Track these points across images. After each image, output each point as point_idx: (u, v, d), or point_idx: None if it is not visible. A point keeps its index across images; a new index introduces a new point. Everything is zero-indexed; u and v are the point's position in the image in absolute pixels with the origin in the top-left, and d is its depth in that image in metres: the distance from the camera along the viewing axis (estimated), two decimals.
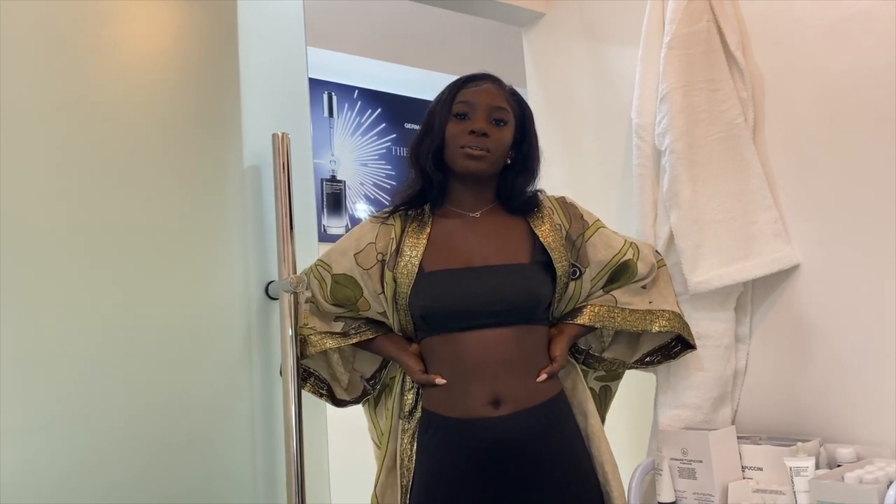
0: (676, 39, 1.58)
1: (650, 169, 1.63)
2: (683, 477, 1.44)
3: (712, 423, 1.52)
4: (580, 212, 1.48)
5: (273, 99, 1.58)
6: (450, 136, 1.37)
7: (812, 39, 1.50)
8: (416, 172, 1.43)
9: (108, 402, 1.30)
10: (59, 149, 1.31)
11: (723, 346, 1.54)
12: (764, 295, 1.57)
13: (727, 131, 1.55)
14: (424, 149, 1.40)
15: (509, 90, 1.44)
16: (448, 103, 1.39)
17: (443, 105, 1.40)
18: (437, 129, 1.39)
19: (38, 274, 1.26)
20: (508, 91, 1.43)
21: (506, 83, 1.44)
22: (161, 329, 1.37)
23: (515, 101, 1.43)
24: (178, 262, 1.41)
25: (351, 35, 2.89)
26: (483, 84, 1.40)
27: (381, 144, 3.08)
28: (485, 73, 1.43)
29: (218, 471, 1.40)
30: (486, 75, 1.43)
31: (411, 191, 1.42)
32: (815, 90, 1.50)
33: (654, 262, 1.51)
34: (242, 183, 1.51)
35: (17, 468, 1.21)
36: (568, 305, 1.44)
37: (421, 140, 1.42)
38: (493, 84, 1.41)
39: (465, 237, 1.39)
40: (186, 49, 1.48)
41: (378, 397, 1.51)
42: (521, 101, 1.45)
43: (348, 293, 1.41)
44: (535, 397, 1.32)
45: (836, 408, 1.45)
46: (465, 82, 1.41)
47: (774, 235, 1.52)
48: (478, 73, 1.43)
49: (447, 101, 1.39)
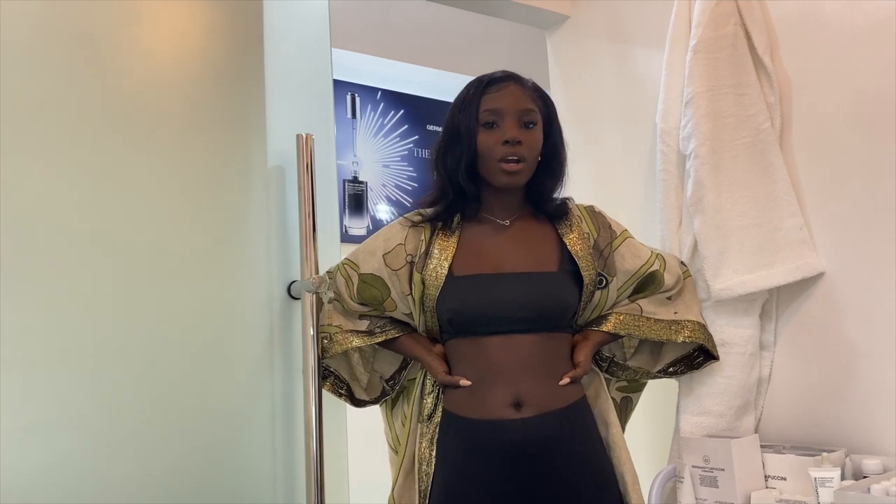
0: (703, 43, 1.56)
1: (674, 174, 1.62)
2: (705, 485, 1.42)
3: (735, 431, 1.51)
4: (608, 221, 1.47)
5: (297, 100, 1.59)
6: (483, 149, 1.34)
7: (841, 43, 1.49)
8: (443, 183, 1.40)
9: (130, 400, 1.31)
10: (84, 147, 1.32)
11: (747, 354, 1.52)
12: (789, 302, 1.55)
13: (753, 136, 1.54)
14: (453, 160, 1.37)
15: (532, 86, 1.40)
16: (473, 111, 1.35)
17: (468, 113, 1.35)
18: (467, 140, 1.35)
19: (64, 274, 1.27)
20: (531, 88, 1.40)
21: (526, 78, 1.41)
22: (184, 328, 1.38)
23: (539, 96, 1.40)
24: (202, 261, 1.42)
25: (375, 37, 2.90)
26: (506, 86, 1.36)
27: (403, 146, 3.08)
28: (505, 73, 1.39)
29: (238, 469, 1.41)
30: (507, 75, 1.39)
31: (442, 204, 1.40)
32: (843, 95, 1.48)
33: (680, 274, 1.51)
34: (266, 183, 1.52)
35: (40, 465, 1.22)
36: (593, 313, 1.44)
37: (447, 150, 1.38)
38: (516, 84, 1.38)
39: (495, 243, 1.39)
40: (212, 50, 1.50)
41: (396, 399, 1.51)
42: (544, 96, 1.42)
43: (375, 293, 1.41)
44: (558, 401, 1.31)
45: (862, 418, 1.43)
46: (486, 86, 1.37)
47: (800, 242, 1.50)
48: (497, 74, 1.39)
49: (472, 109, 1.35)
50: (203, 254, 1.42)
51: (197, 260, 1.41)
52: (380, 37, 2.91)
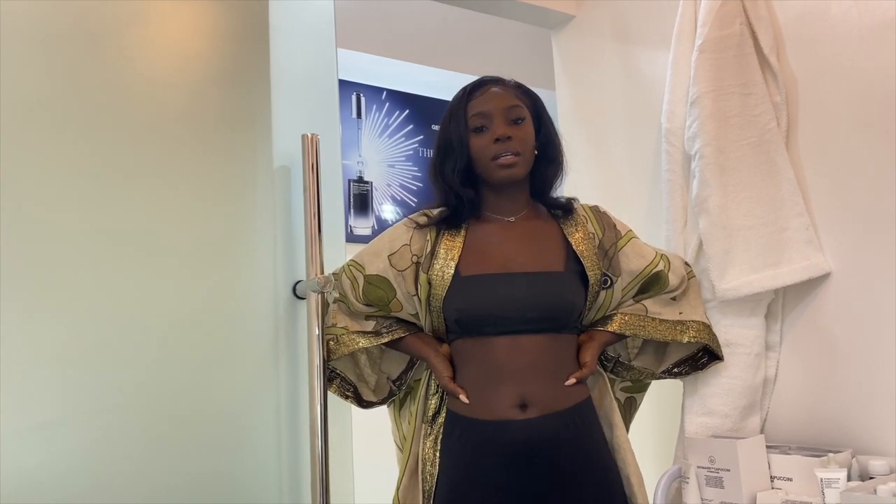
0: (708, 43, 1.56)
1: (680, 174, 1.62)
2: (710, 485, 1.42)
3: (740, 432, 1.51)
4: (613, 221, 1.47)
5: (303, 100, 1.60)
6: (477, 151, 1.36)
7: (848, 43, 1.48)
8: (445, 194, 1.41)
9: (136, 398, 1.31)
10: (88, 147, 1.33)
11: (753, 354, 1.52)
12: (795, 303, 1.55)
13: (759, 136, 1.53)
14: (449, 169, 1.39)
15: (514, 85, 1.42)
16: (462, 119, 1.37)
17: (457, 122, 1.38)
18: (459, 148, 1.37)
19: (67, 273, 1.28)
20: (514, 86, 1.42)
21: (507, 79, 1.43)
22: (189, 327, 1.38)
23: (524, 93, 1.42)
24: (207, 261, 1.42)
25: (380, 36, 2.90)
26: (488, 89, 1.39)
27: (408, 146, 3.09)
28: (486, 78, 1.42)
29: (243, 468, 1.41)
30: (488, 79, 1.42)
31: (444, 211, 1.41)
32: (849, 95, 1.48)
33: (684, 274, 1.51)
34: (272, 183, 1.52)
35: (47, 461, 1.23)
36: (598, 314, 1.44)
37: (442, 161, 1.40)
38: (498, 86, 1.40)
39: (501, 242, 1.39)
40: (217, 50, 1.50)
41: (403, 400, 1.51)
42: (529, 92, 1.44)
43: (381, 294, 1.41)
44: (563, 402, 1.32)
45: (869, 419, 1.42)
46: (470, 92, 1.39)
47: (806, 242, 1.50)
48: (479, 81, 1.42)
49: (459, 117, 1.38)
50: (208, 253, 1.43)
51: (202, 259, 1.42)
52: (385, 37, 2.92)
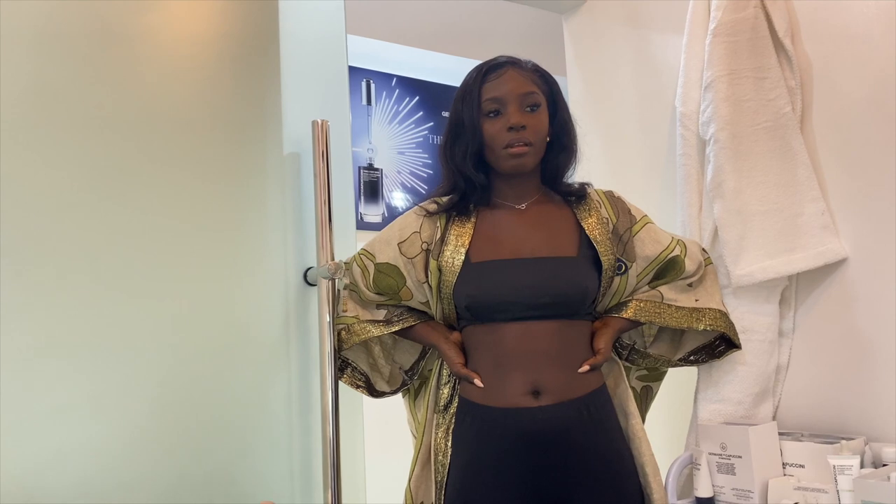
0: (722, 26, 1.54)
1: (694, 159, 1.60)
2: (722, 472, 1.42)
3: (753, 419, 1.50)
4: (628, 206, 1.45)
5: (313, 86, 1.59)
6: (489, 138, 1.33)
7: (864, 26, 1.46)
8: (453, 176, 1.39)
9: (146, 387, 1.32)
10: (99, 137, 1.33)
11: (766, 341, 1.51)
12: (809, 289, 1.54)
13: (774, 121, 1.52)
14: (460, 151, 1.36)
15: (531, 68, 1.38)
16: (475, 101, 1.34)
17: (469, 104, 1.34)
18: (472, 130, 1.34)
19: (82, 262, 1.29)
20: (531, 69, 1.38)
21: (524, 60, 1.39)
22: (200, 315, 1.39)
23: (540, 77, 1.38)
24: (218, 248, 1.43)
25: (390, 23, 2.89)
26: (504, 71, 1.34)
27: (418, 133, 3.08)
28: (502, 59, 1.37)
29: (255, 456, 1.42)
30: (505, 60, 1.37)
31: (454, 197, 1.40)
32: (865, 79, 1.46)
33: (701, 260, 1.49)
34: (282, 170, 1.52)
35: (60, 450, 1.24)
36: (612, 300, 1.43)
37: (453, 142, 1.38)
38: (515, 68, 1.36)
39: (512, 228, 1.37)
40: (227, 36, 1.49)
41: (418, 390, 1.51)
42: (546, 76, 1.40)
43: (391, 282, 1.41)
44: (576, 389, 1.30)
45: (882, 406, 1.41)
46: (485, 74, 1.35)
47: (821, 228, 1.49)
48: (494, 61, 1.37)
49: (474, 99, 1.34)
50: (219, 240, 1.43)
51: (213, 246, 1.42)
52: (395, 23, 2.90)
